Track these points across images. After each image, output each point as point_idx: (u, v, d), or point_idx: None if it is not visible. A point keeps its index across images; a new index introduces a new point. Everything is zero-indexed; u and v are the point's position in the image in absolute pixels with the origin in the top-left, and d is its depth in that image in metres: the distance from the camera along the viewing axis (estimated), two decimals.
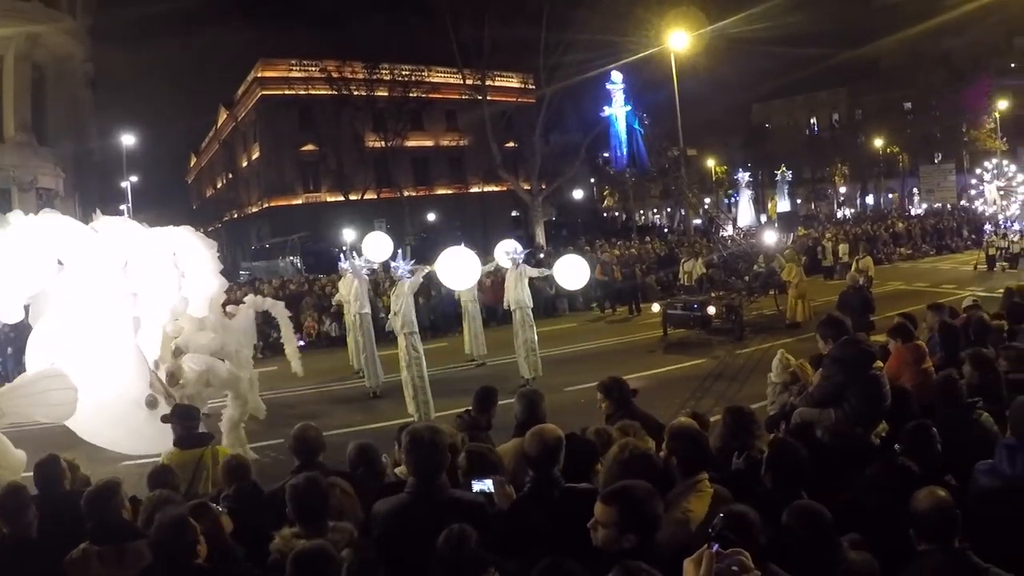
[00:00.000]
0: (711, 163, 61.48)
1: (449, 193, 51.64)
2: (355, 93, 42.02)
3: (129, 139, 39.60)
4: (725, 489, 3.71)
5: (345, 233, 36.07)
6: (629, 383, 5.77)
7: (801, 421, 5.51)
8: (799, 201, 61.82)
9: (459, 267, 10.88)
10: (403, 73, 42.88)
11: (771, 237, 22.74)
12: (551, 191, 40.01)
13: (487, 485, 3.91)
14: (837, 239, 28.03)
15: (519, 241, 15.06)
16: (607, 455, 3.88)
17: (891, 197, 60.69)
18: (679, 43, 32.55)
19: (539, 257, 22.95)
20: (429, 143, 50.71)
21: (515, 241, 14.57)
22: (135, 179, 44.77)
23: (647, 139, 49.47)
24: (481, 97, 36.91)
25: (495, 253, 14.57)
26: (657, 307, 17.49)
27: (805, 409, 5.72)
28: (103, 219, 8.66)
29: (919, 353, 6.75)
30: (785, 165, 55.49)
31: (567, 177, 39.47)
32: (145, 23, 64.55)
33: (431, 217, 48.37)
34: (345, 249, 20.64)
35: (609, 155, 52.49)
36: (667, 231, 48.52)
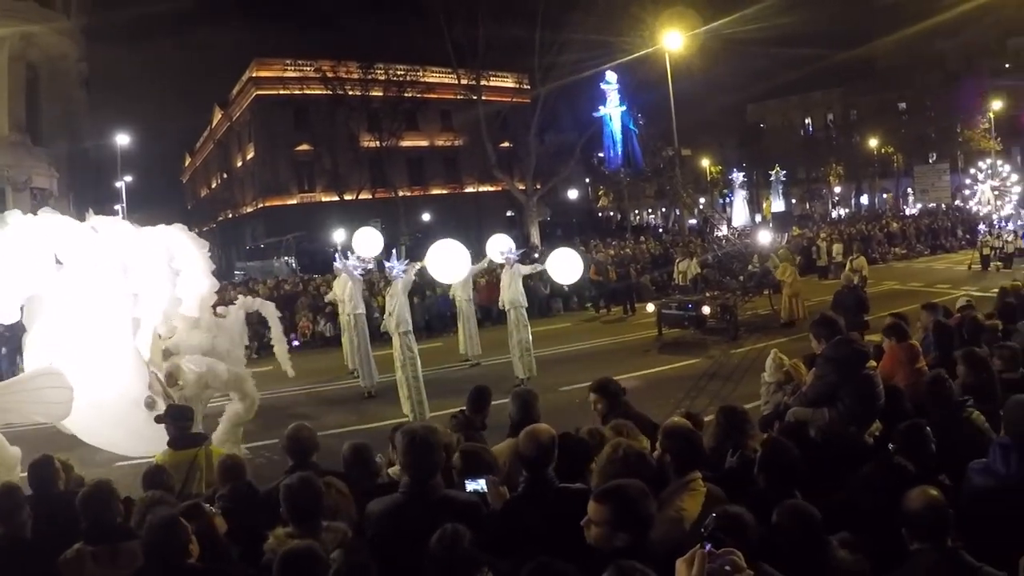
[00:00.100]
0: (706, 163, 61.43)
1: (444, 193, 51.51)
2: (350, 93, 41.86)
3: (124, 139, 39.55)
4: (718, 488, 3.73)
5: (340, 233, 35.97)
6: (622, 383, 5.75)
7: (794, 420, 5.52)
8: (794, 201, 61.87)
9: (448, 260, 10.91)
10: (398, 73, 42.74)
11: (766, 237, 22.77)
12: (546, 191, 40.03)
13: (481, 485, 3.91)
14: (832, 239, 28.04)
15: (513, 240, 15.03)
16: (600, 455, 3.89)
17: (886, 197, 60.73)
18: (674, 43, 32.56)
19: (533, 257, 22.94)
20: (424, 143, 50.57)
21: (508, 239, 14.53)
22: (130, 179, 44.75)
23: (642, 139, 49.63)
24: (476, 97, 36.94)
25: (487, 248, 14.55)
26: (652, 307, 17.51)
27: (799, 408, 5.74)
28: (97, 219, 8.58)
29: (913, 353, 6.79)
30: (780, 165, 55.66)
31: (562, 177, 39.54)
32: (140, 23, 64.62)
33: (426, 217, 48.22)
34: (340, 249, 20.53)
35: (604, 155, 52.62)
36: (662, 231, 48.64)
